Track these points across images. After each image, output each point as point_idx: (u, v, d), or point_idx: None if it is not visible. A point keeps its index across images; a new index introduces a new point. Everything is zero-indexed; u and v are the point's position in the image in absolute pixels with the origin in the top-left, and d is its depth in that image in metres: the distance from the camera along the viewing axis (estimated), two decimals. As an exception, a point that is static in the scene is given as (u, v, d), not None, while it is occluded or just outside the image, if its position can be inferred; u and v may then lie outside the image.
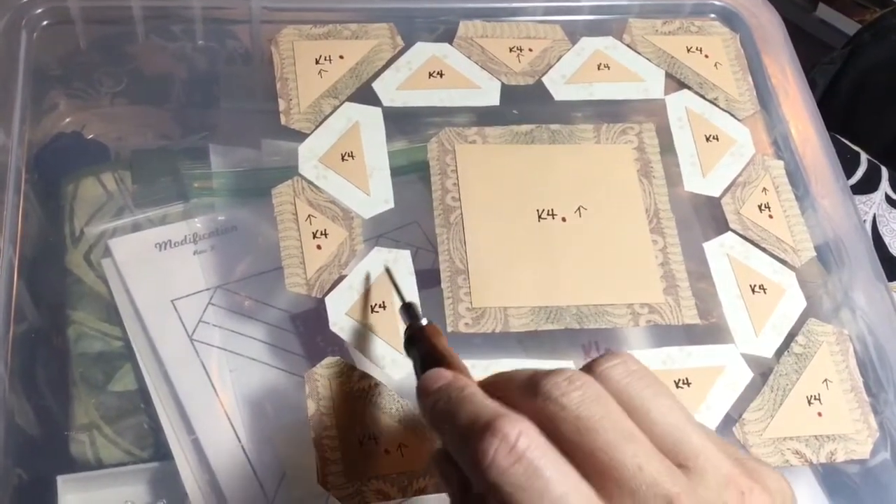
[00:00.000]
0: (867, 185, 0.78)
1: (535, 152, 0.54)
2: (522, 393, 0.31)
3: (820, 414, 0.49)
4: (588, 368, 0.32)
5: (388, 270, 0.47)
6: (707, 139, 0.56)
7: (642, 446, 0.29)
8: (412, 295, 0.48)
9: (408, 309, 0.42)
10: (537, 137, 0.54)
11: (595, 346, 0.52)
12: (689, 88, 0.59)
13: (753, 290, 0.52)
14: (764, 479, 0.30)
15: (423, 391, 0.34)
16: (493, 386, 0.33)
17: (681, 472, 0.29)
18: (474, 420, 0.30)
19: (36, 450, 0.47)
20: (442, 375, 0.34)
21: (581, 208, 0.52)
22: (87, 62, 0.58)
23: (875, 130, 0.88)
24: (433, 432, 0.34)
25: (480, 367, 0.47)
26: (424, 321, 0.40)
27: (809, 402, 0.49)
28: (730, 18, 0.64)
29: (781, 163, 0.57)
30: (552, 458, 0.28)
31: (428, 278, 0.49)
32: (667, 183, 0.54)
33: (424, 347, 0.39)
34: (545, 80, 0.57)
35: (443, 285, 0.49)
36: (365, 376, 0.45)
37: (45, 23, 0.56)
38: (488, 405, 0.31)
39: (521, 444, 0.28)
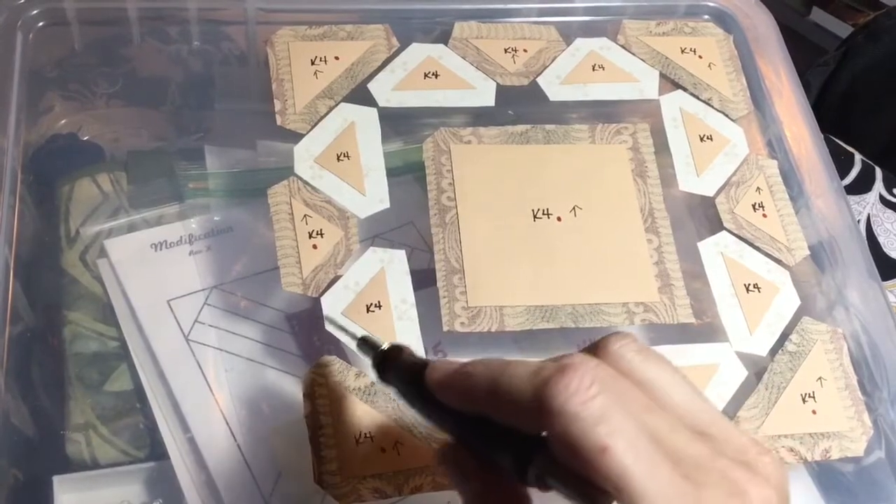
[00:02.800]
0: (861, 186, 0.78)
1: (531, 152, 0.54)
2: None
3: (814, 412, 0.49)
4: (596, 348, 0.32)
5: (329, 319, 0.46)
6: (701, 139, 0.57)
7: (667, 418, 0.30)
8: (406, 294, 0.48)
9: (365, 342, 0.40)
10: (532, 138, 0.55)
11: (590, 346, 0.52)
12: (684, 89, 0.59)
13: (748, 289, 0.52)
14: (770, 454, 0.31)
15: (438, 374, 0.34)
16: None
17: (702, 438, 0.30)
18: (537, 370, 0.30)
19: (32, 450, 0.47)
20: (449, 362, 0.34)
21: (576, 208, 0.52)
22: (82, 64, 0.59)
23: (869, 131, 0.88)
24: (465, 403, 0.33)
25: (476, 366, 0.47)
26: (385, 345, 0.39)
27: (804, 400, 0.49)
28: (723, 19, 0.64)
29: (775, 162, 0.57)
30: (625, 400, 0.29)
31: (423, 278, 0.49)
32: (661, 183, 0.54)
33: (406, 362, 0.37)
34: (540, 80, 0.57)
35: (438, 285, 0.49)
36: (361, 375, 0.46)
37: (40, 24, 0.56)
38: (542, 360, 0.31)
39: (595, 387, 0.28)
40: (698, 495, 0.28)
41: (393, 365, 0.38)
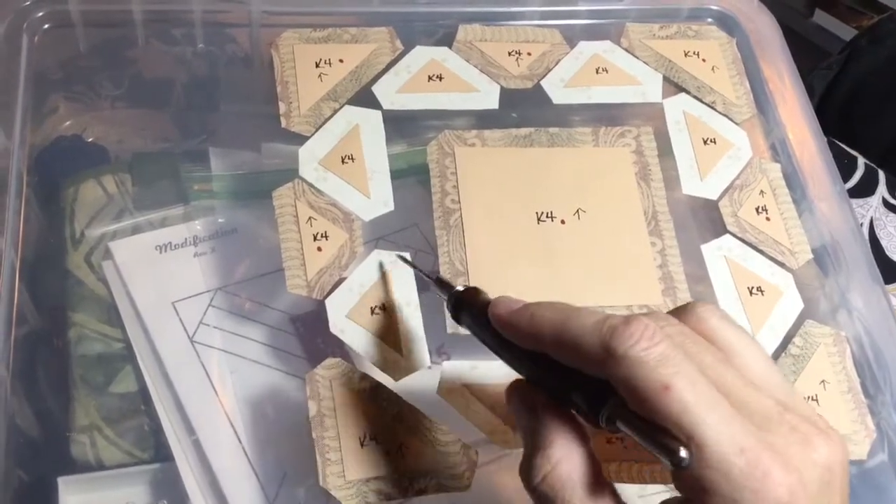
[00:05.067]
0: (864, 189, 0.79)
1: (534, 155, 0.54)
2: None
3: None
4: (682, 309, 0.34)
5: (403, 258, 0.48)
6: (705, 142, 0.57)
7: (741, 375, 0.31)
8: (411, 297, 0.48)
9: (441, 282, 0.43)
10: (536, 140, 0.55)
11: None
12: (687, 92, 0.59)
13: (751, 292, 0.52)
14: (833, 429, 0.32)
15: (501, 310, 0.36)
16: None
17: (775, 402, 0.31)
18: (603, 318, 0.32)
19: (37, 451, 0.47)
20: (513, 300, 0.36)
21: (580, 210, 0.52)
22: (87, 66, 0.59)
23: (872, 135, 0.88)
24: (528, 342, 0.35)
25: (481, 369, 0.47)
26: (460, 287, 0.41)
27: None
28: (727, 23, 0.64)
29: (778, 166, 0.57)
30: (693, 351, 0.31)
31: (428, 280, 0.49)
32: (665, 186, 0.54)
33: (479, 303, 0.39)
34: (544, 83, 0.57)
35: (443, 287, 0.49)
36: (365, 377, 0.46)
37: (46, 26, 0.56)
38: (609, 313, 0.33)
39: (658, 335, 0.31)
40: (764, 436, 0.29)
41: (466, 306, 0.40)
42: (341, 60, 0.56)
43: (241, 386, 0.49)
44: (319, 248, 0.49)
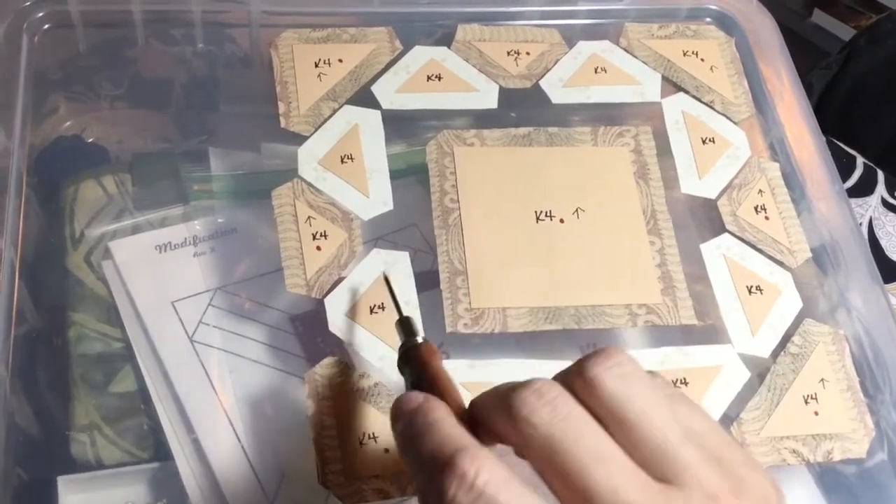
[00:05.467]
0: (863, 189, 0.79)
1: (533, 154, 0.54)
2: (498, 412, 0.30)
3: (816, 413, 0.49)
4: (578, 371, 0.30)
5: (386, 279, 0.47)
6: (703, 142, 0.57)
7: (619, 465, 0.28)
8: (410, 296, 0.48)
9: (404, 324, 0.40)
10: (535, 140, 0.55)
11: (593, 347, 0.52)
12: (686, 92, 0.59)
13: (750, 291, 0.52)
14: (751, 491, 0.29)
15: (392, 415, 0.33)
16: (479, 406, 0.32)
17: (662, 488, 0.28)
18: (437, 453, 0.29)
19: (36, 450, 0.48)
20: (412, 398, 0.33)
21: (579, 210, 0.52)
22: (87, 66, 0.59)
23: (871, 134, 0.88)
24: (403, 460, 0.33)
25: (479, 368, 0.47)
26: (420, 338, 0.39)
27: (806, 402, 0.49)
28: (725, 23, 0.64)
29: (777, 165, 0.57)
30: (515, 491, 0.28)
31: (426, 280, 0.50)
32: (663, 185, 0.54)
33: (416, 367, 0.37)
34: (542, 83, 0.57)
35: (442, 286, 0.49)
36: (364, 376, 0.46)
37: (46, 27, 0.56)
38: (452, 436, 0.30)
39: (479, 481, 0.27)
40: None
41: (411, 364, 0.37)
42: (340, 60, 0.56)
43: (241, 385, 0.49)
44: (319, 248, 0.49)
